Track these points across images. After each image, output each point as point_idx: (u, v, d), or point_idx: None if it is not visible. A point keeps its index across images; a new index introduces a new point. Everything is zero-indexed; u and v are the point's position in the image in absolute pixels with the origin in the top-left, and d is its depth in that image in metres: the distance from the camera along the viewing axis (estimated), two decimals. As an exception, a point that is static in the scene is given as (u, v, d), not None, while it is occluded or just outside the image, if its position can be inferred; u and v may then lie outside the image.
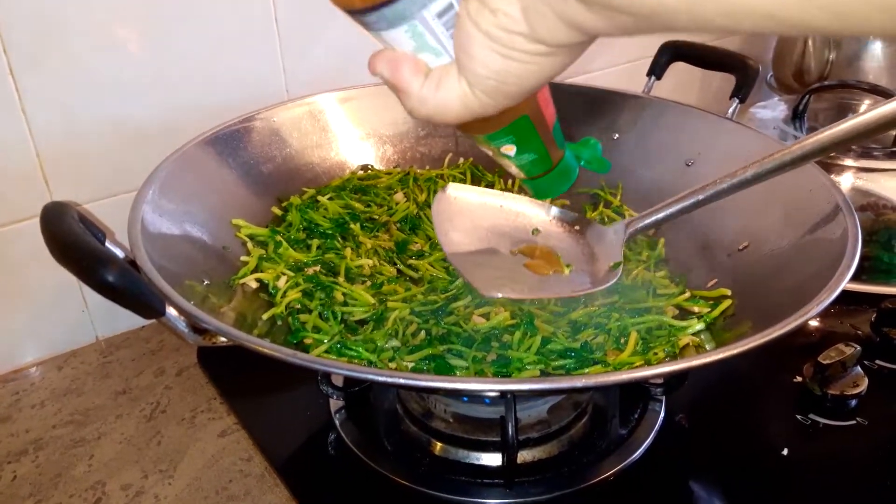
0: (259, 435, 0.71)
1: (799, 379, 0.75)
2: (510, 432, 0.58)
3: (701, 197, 0.64)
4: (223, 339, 0.46)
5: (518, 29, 0.32)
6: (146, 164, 0.68)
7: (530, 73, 0.34)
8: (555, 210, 0.70)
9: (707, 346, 0.58)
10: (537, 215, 0.68)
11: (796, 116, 1.12)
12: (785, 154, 0.61)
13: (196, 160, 0.72)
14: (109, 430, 0.73)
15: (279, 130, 0.82)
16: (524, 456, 0.66)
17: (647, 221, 0.66)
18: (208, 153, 0.74)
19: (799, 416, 0.72)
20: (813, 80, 1.34)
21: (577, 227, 0.69)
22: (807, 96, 1.11)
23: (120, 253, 0.51)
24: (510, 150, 0.51)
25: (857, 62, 1.33)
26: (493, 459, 0.67)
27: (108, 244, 0.51)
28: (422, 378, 0.44)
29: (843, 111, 1.27)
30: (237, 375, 0.79)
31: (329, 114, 0.87)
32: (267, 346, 0.43)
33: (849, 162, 0.92)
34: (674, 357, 0.58)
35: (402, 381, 0.41)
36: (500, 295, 0.57)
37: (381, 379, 0.41)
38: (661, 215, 0.66)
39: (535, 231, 0.66)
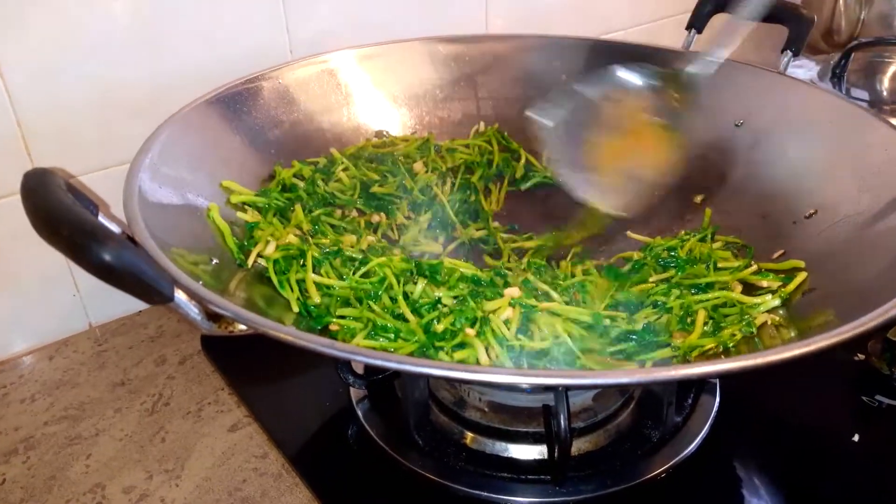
0: (274, 429, 0.65)
1: (861, 356, 0.69)
2: (562, 423, 0.52)
3: None
4: (242, 326, 0.39)
5: None
6: (138, 134, 0.60)
7: None
8: None
9: (790, 331, 0.51)
10: None
11: (835, 76, 1.06)
12: None
13: (198, 124, 0.64)
14: (108, 427, 0.67)
15: (287, 92, 0.75)
16: (569, 448, 0.60)
17: None
18: (211, 116, 0.66)
19: (864, 398, 0.66)
20: (843, 39, 1.27)
21: None
22: (847, 54, 1.05)
23: (115, 229, 0.44)
24: None
25: (890, 20, 1.26)
26: (533, 452, 0.61)
27: (101, 218, 0.43)
28: (498, 372, 0.37)
29: (874, 71, 1.21)
30: (246, 363, 0.73)
31: (341, 74, 0.79)
32: (298, 336, 0.36)
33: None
34: (751, 337, 0.51)
35: (467, 375, 0.34)
36: None
37: (439, 373, 0.34)
38: None
39: None
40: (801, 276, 0.56)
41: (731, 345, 0.50)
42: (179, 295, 0.38)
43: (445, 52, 0.84)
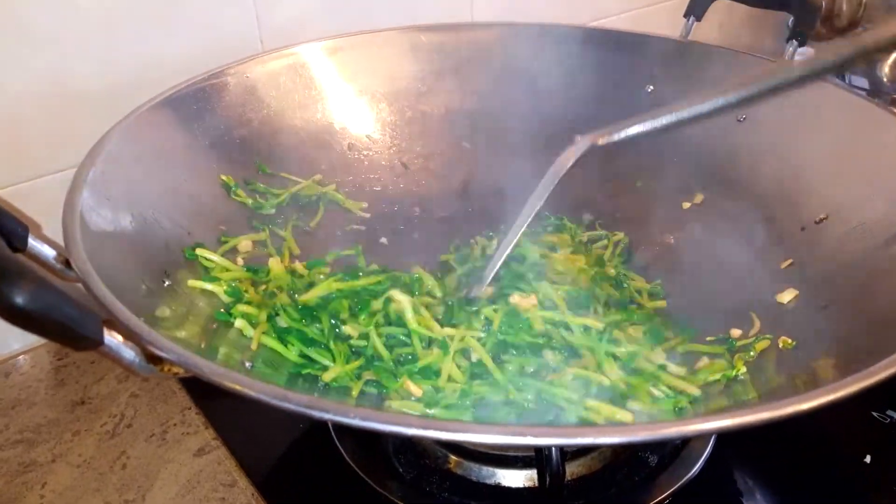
0: (243, 453, 0.61)
1: (871, 369, 0.65)
2: (554, 450, 0.48)
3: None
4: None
5: None
6: (91, 134, 0.55)
7: None
8: None
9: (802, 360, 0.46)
10: None
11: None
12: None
13: (152, 128, 0.58)
14: (65, 451, 0.63)
15: (254, 88, 0.69)
16: (561, 473, 0.56)
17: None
18: (167, 119, 0.60)
19: (875, 413, 0.62)
20: (844, 25, 1.22)
21: None
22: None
23: (49, 252, 0.39)
24: None
25: (893, 4, 1.22)
26: (522, 478, 0.57)
27: (32, 241, 0.38)
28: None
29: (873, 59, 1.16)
30: (215, 379, 0.68)
31: (314, 67, 0.74)
32: (248, 386, 0.32)
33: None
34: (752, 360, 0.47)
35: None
36: None
37: (411, 432, 0.29)
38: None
39: None
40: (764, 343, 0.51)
41: (737, 373, 0.46)
42: (111, 337, 0.33)
43: (428, 42, 0.78)
